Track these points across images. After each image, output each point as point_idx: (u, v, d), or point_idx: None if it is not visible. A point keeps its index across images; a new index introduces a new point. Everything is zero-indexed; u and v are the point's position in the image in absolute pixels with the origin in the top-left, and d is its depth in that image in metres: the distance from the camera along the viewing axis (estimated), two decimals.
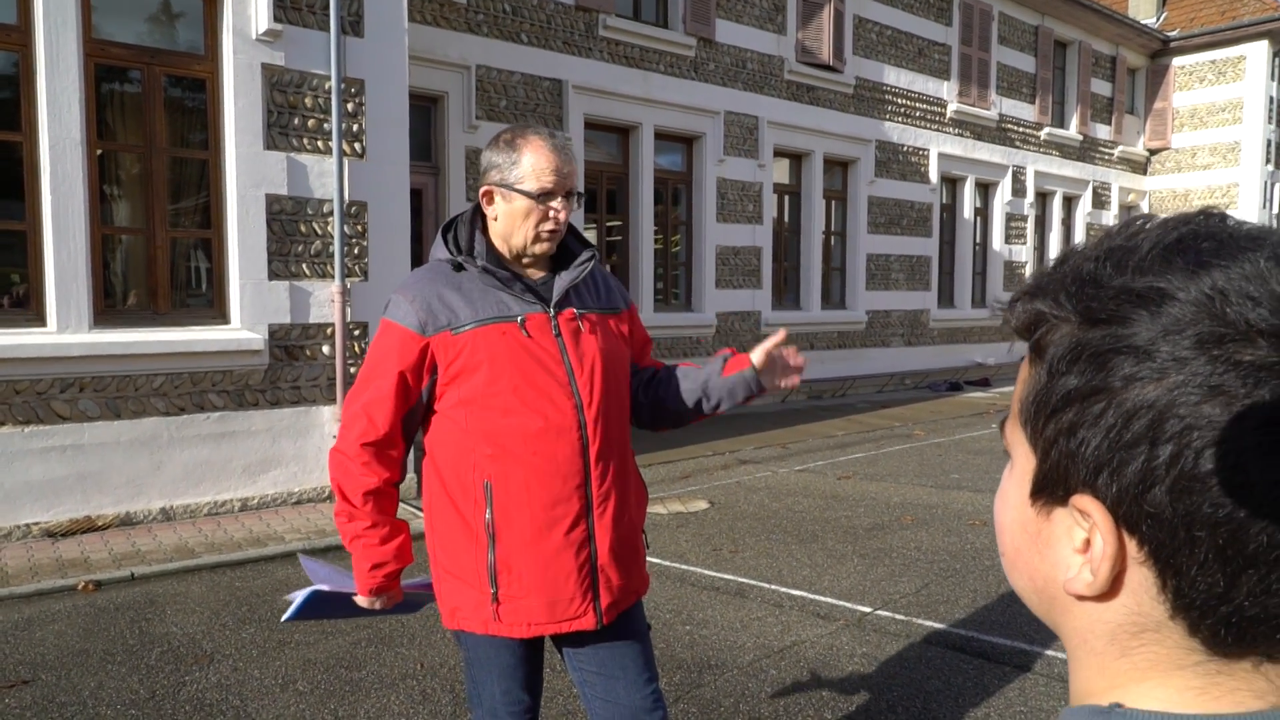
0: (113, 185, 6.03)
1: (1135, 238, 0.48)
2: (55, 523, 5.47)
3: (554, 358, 1.87)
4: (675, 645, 3.87)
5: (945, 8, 14.30)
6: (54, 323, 5.47)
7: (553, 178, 1.88)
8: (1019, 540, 0.52)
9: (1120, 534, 0.46)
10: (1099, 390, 0.45)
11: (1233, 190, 18.37)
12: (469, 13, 8.93)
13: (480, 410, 1.85)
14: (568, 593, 1.86)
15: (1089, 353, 0.46)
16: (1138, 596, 0.46)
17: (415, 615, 4.19)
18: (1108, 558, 0.46)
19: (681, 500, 6.55)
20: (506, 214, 1.91)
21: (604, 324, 1.98)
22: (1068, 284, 0.48)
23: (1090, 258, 0.48)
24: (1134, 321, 0.44)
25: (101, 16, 5.72)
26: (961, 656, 3.73)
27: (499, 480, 1.85)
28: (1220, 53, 18.42)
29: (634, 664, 1.95)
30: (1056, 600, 0.50)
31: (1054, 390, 0.47)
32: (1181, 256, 0.45)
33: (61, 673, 3.65)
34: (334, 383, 6.39)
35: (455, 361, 1.86)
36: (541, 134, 1.92)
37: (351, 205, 6.44)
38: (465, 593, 1.90)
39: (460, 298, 1.87)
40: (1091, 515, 0.46)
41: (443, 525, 1.93)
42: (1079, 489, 0.47)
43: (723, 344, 11.43)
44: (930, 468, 7.80)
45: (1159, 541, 0.44)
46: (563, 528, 1.86)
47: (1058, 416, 0.47)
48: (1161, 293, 0.44)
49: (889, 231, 13.77)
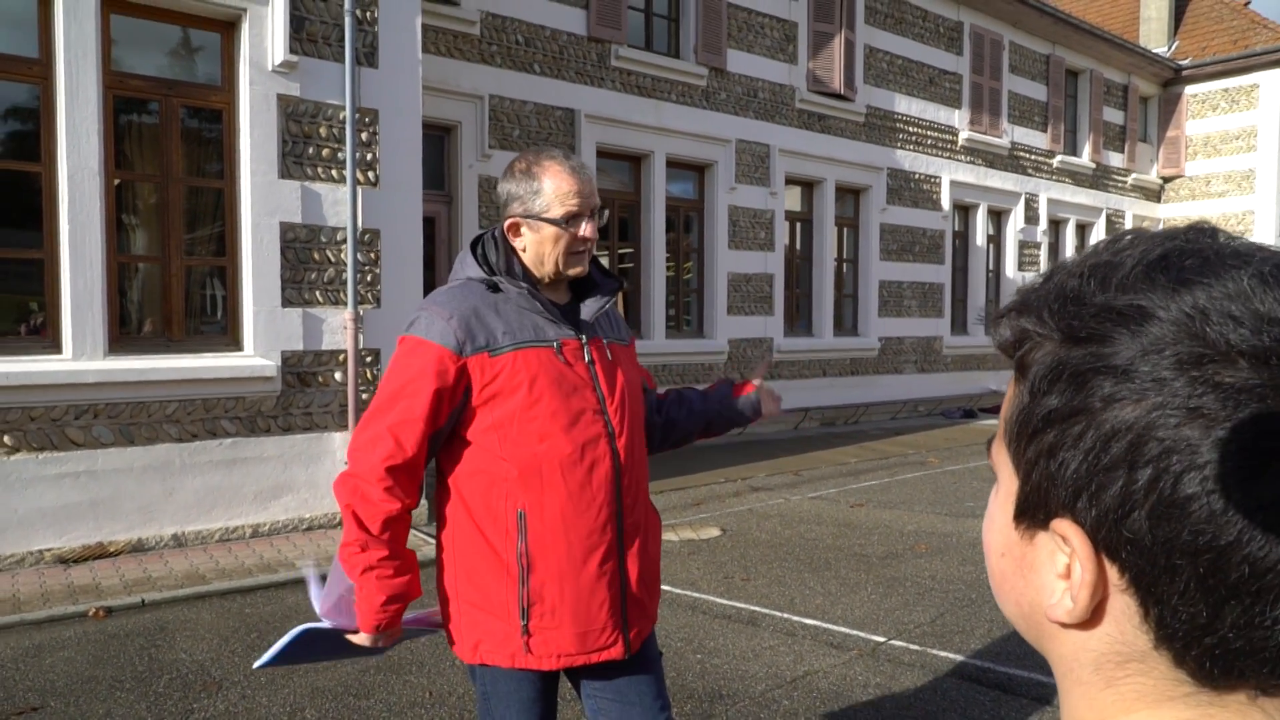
0: (130, 214, 6.10)
1: (1120, 254, 0.47)
2: (68, 549, 5.48)
3: (588, 384, 1.86)
4: (686, 674, 3.82)
5: (955, 37, 14.38)
6: (69, 350, 5.51)
7: (576, 200, 1.86)
8: (1004, 564, 0.51)
9: (1100, 560, 0.44)
10: (1079, 411, 0.44)
11: (1248, 217, 18.29)
12: (482, 44, 9.05)
13: (515, 435, 1.79)
14: (599, 623, 1.84)
15: (1069, 372, 0.45)
16: (1120, 625, 0.45)
17: (425, 642, 4.16)
18: (1086, 585, 0.44)
19: (693, 527, 6.50)
20: (535, 243, 1.88)
21: (625, 353, 2.00)
22: (1051, 301, 0.47)
23: (1075, 274, 0.47)
24: (1114, 340, 0.43)
25: (121, 49, 5.82)
26: (978, 688, 3.67)
27: (534, 509, 1.79)
28: (1233, 81, 18.42)
29: (649, 691, 1.94)
30: (1043, 627, 0.49)
31: (1035, 410, 0.46)
32: (1164, 274, 0.44)
33: (70, 700, 3.63)
34: (346, 409, 6.40)
35: (491, 384, 1.79)
36: (557, 158, 1.89)
37: (365, 233, 6.49)
38: (491, 625, 1.82)
39: (497, 318, 1.82)
40: (1070, 540, 0.45)
41: (468, 556, 1.84)
42: (1059, 512, 0.46)
43: (735, 371, 11.41)
44: (944, 495, 7.73)
45: (1139, 569, 0.43)
46: (598, 557, 1.83)
47: (1039, 437, 0.46)
48: (1142, 311, 0.43)
49: (901, 258, 13.76)
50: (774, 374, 11.90)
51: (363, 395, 6.44)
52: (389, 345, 6.59)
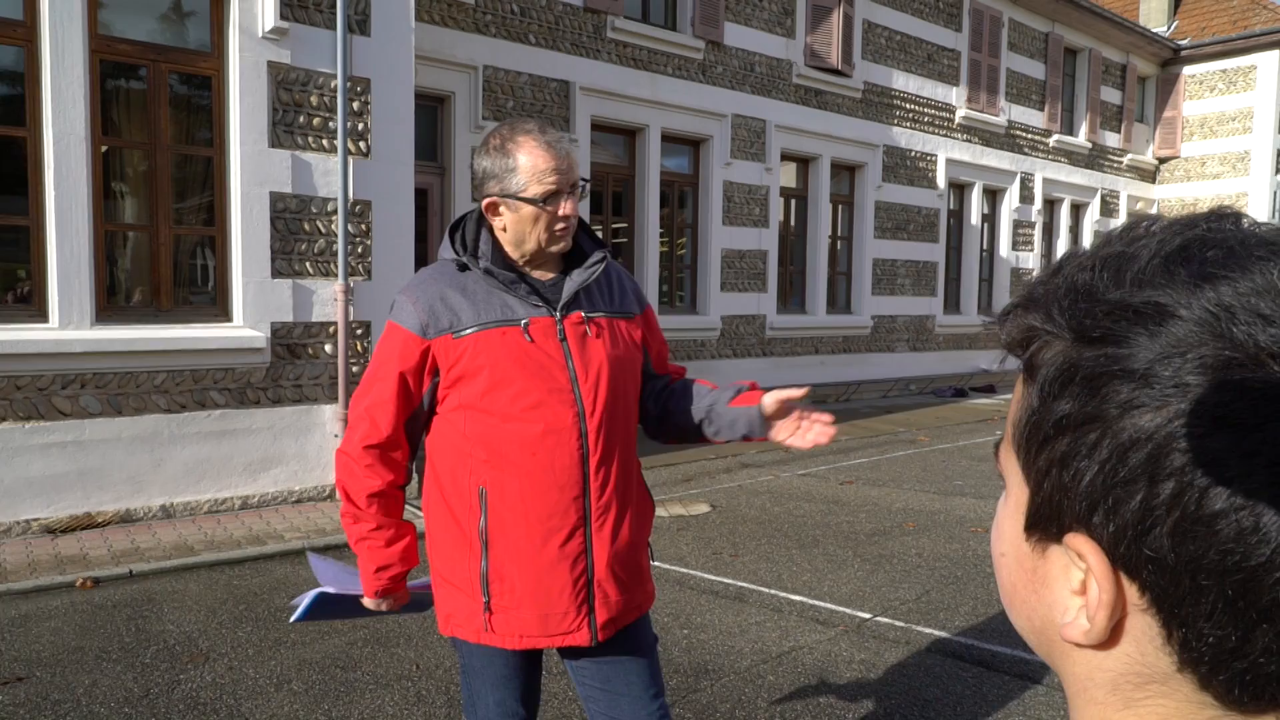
0: (117, 182, 6.03)
1: (1136, 243, 0.43)
2: (55, 519, 5.47)
3: (557, 363, 1.81)
4: (673, 649, 3.84)
5: (955, 13, 14.27)
6: (56, 319, 5.47)
7: (554, 178, 1.80)
8: (1015, 576, 0.48)
9: (1118, 579, 0.41)
10: (1093, 418, 0.41)
11: (1242, 199, 18.29)
12: (476, 13, 8.93)
13: (479, 415, 1.80)
14: (561, 607, 1.81)
15: (1082, 375, 0.41)
16: (1141, 646, 0.42)
17: (413, 616, 4.17)
18: (1104, 605, 0.41)
19: (683, 503, 6.52)
20: (515, 222, 1.84)
21: (614, 328, 1.90)
22: (1061, 296, 0.44)
23: (1086, 266, 0.44)
24: (1131, 341, 0.40)
25: (108, 13, 5.73)
26: (961, 664, 3.70)
27: (494, 487, 1.80)
28: (1231, 62, 18.34)
29: (639, 680, 1.90)
30: (1055, 643, 0.46)
31: (1046, 416, 0.43)
32: (1185, 267, 0.40)
33: (57, 670, 3.63)
34: (336, 381, 6.38)
35: (456, 365, 1.80)
36: (532, 132, 1.84)
37: (356, 204, 6.44)
38: (459, 599, 1.86)
39: (464, 299, 1.81)
40: (1086, 557, 0.42)
41: (439, 530, 1.89)
42: (1073, 526, 0.42)
43: (727, 347, 11.41)
44: (934, 474, 7.76)
45: (1161, 589, 0.40)
46: (558, 540, 1.80)
47: (1050, 445, 0.43)
48: (1161, 309, 0.40)
49: (896, 237, 13.73)
50: (767, 351, 11.90)
51: (353, 368, 6.41)
52: (380, 317, 6.56)
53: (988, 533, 5.74)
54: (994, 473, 7.77)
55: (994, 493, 7.01)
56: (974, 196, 15.09)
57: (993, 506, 6.50)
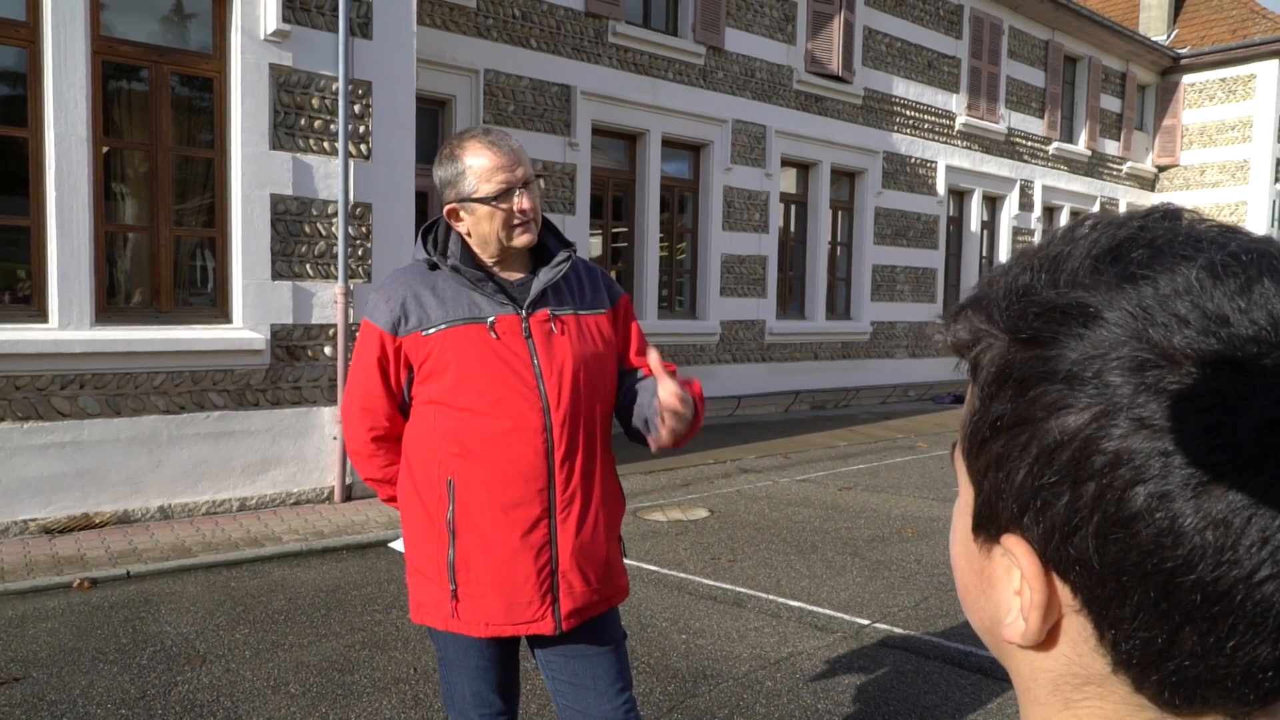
0: (118, 183, 6.03)
1: (1074, 243, 0.43)
2: (53, 519, 5.46)
3: (522, 360, 1.86)
4: (671, 654, 3.83)
5: (955, 21, 14.30)
6: (56, 319, 5.46)
7: (503, 175, 1.86)
8: (966, 577, 0.48)
9: (1051, 580, 0.41)
10: (1024, 419, 0.41)
11: (1241, 208, 18.32)
12: (478, 17, 8.94)
13: (447, 410, 1.87)
14: (525, 595, 1.86)
15: (1015, 377, 0.41)
16: (1077, 647, 0.42)
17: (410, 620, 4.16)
18: (1036, 606, 0.42)
19: (681, 508, 6.52)
20: (474, 224, 1.91)
21: (581, 324, 1.94)
22: (1001, 297, 0.43)
23: (1028, 266, 0.43)
24: (1059, 343, 0.40)
25: (110, 15, 5.73)
26: (959, 672, 3.69)
27: (462, 478, 1.87)
28: (1230, 71, 18.38)
29: (605, 674, 1.94)
30: (1003, 643, 0.46)
31: (985, 417, 0.43)
32: (1113, 267, 0.40)
33: (53, 670, 3.62)
34: (335, 384, 6.37)
35: (426, 362, 1.88)
36: (476, 135, 1.91)
37: (356, 206, 6.44)
38: (428, 587, 1.92)
39: (434, 298, 1.88)
40: (1018, 558, 0.42)
41: (411, 520, 1.96)
42: (1009, 527, 0.43)
43: (726, 352, 11.41)
44: (932, 480, 7.76)
45: (1090, 590, 0.40)
46: (521, 529, 1.85)
47: (988, 446, 0.43)
48: (1085, 310, 0.40)
49: (895, 243, 13.74)
50: (766, 356, 11.90)
51: None
52: None
53: None
54: None
55: None
56: (973, 203, 15.11)
57: None
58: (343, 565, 5.09)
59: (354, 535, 5.56)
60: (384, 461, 1.99)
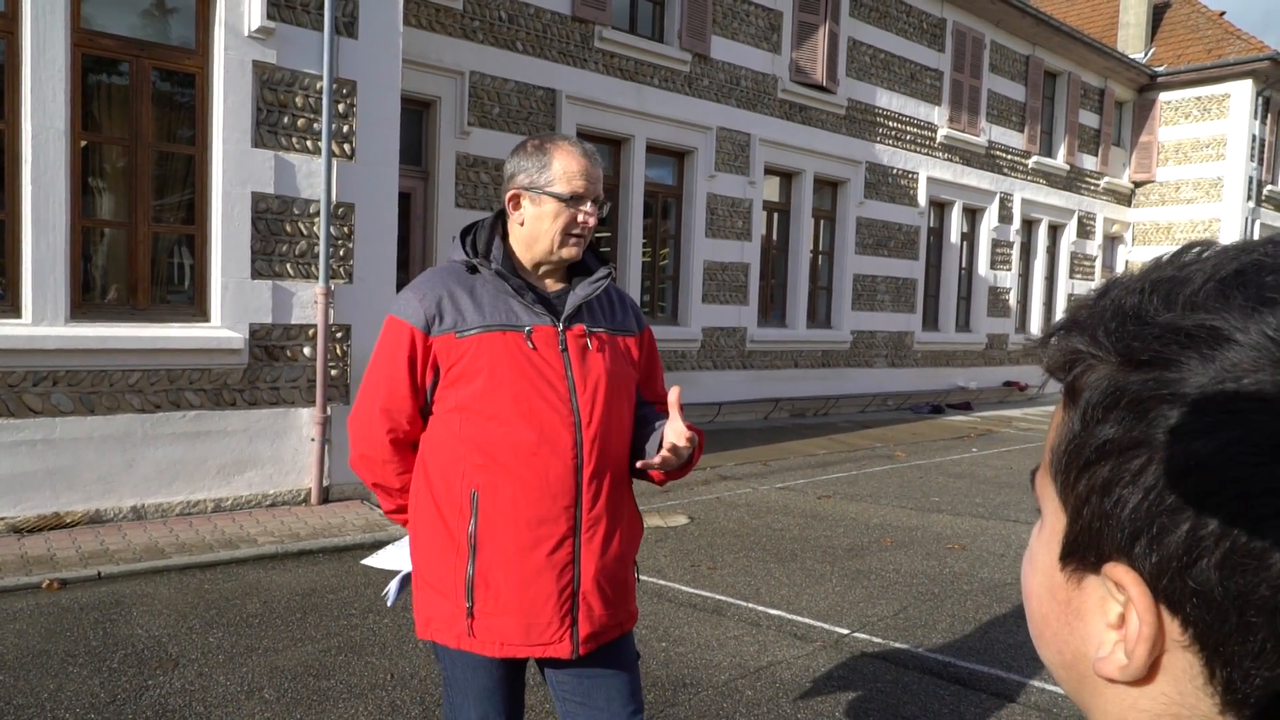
0: (96, 178, 5.95)
1: (1188, 268, 0.42)
2: (22, 518, 5.36)
3: (557, 373, 1.82)
4: (650, 662, 3.82)
5: (938, 34, 14.43)
6: (30, 314, 5.37)
7: (583, 181, 1.86)
8: (1047, 608, 0.46)
9: (1160, 612, 0.40)
10: (1139, 443, 0.39)
11: (1214, 225, 18.60)
12: (464, 19, 8.92)
13: (475, 418, 1.80)
14: (545, 616, 1.80)
15: (1129, 399, 0.40)
16: (1180, 685, 0.40)
17: (387, 623, 4.12)
18: (1144, 639, 0.40)
19: (661, 515, 6.50)
20: (534, 217, 1.87)
21: (613, 344, 1.92)
22: (1107, 319, 0.42)
23: (1134, 290, 0.43)
24: (1182, 365, 0.39)
25: (91, 7, 5.66)
26: (938, 682, 3.70)
27: (486, 491, 1.80)
28: (1206, 90, 18.68)
29: (619, 695, 1.89)
30: (1086, 679, 0.44)
31: (1088, 440, 0.42)
32: (1241, 291, 0.39)
33: (20, 673, 3.55)
34: (314, 384, 6.31)
35: (456, 365, 1.82)
36: (571, 140, 1.91)
37: (338, 206, 6.38)
38: (440, 604, 1.84)
39: (470, 300, 1.83)
40: (1127, 588, 0.40)
41: (425, 533, 1.88)
42: (1113, 556, 0.41)
43: (707, 359, 11.42)
44: (911, 489, 7.79)
45: (1206, 624, 0.38)
46: (546, 548, 1.79)
47: (1091, 470, 0.42)
48: (1216, 332, 0.38)
49: (876, 253, 13.83)
50: (747, 364, 11.93)
51: (331, 371, 6.35)
52: (360, 320, 6.50)
53: (965, 550, 5.78)
54: (971, 490, 7.82)
55: (971, 510, 7.06)
56: (954, 215, 15.24)
57: (970, 524, 6.54)
58: (319, 568, 5.03)
59: (331, 538, 5.50)
60: (399, 468, 1.91)
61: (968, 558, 5.65)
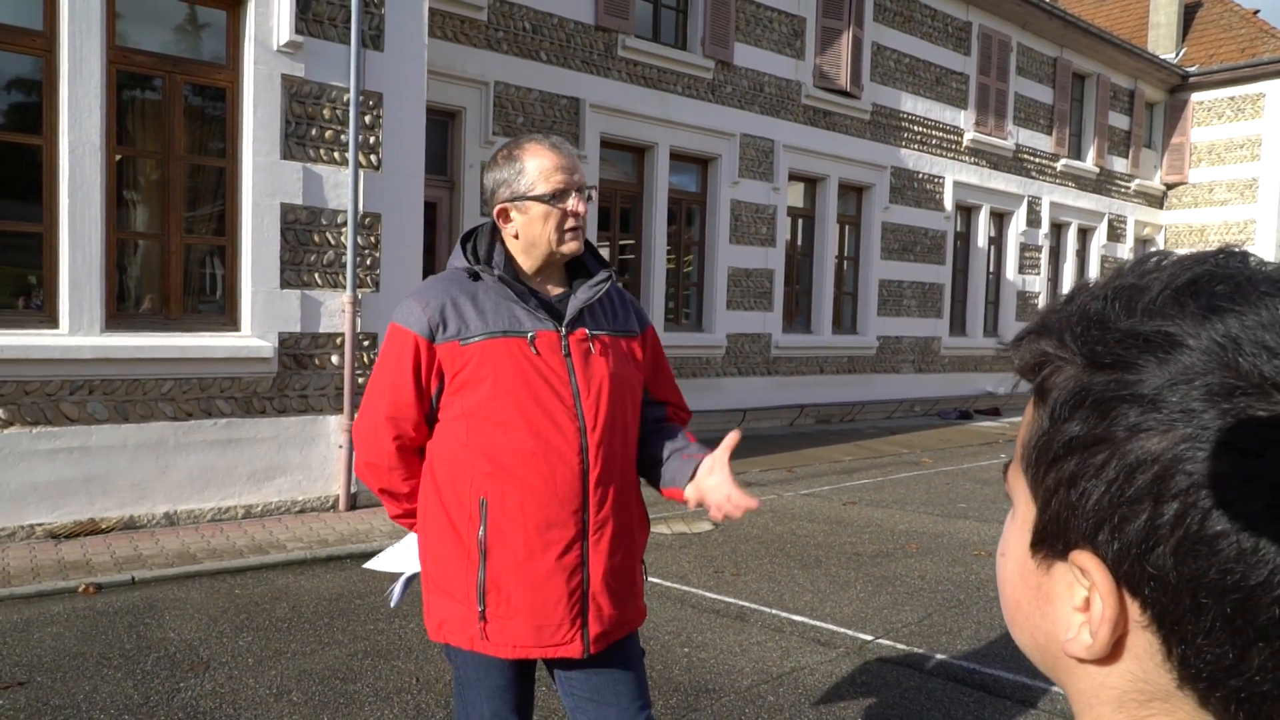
0: (130, 190, 6.08)
1: (1147, 276, 0.45)
2: (59, 524, 5.48)
3: (561, 378, 1.83)
4: (673, 668, 3.83)
5: (964, 37, 14.34)
6: (66, 325, 5.50)
7: (561, 175, 1.86)
8: (1019, 594, 0.50)
9: (1122, 595, 0.43)
10: (1102, 440, 0.43)
11: (1250, 226, 18.28)
12: (489, 30, 9.01)
13: (481, 424, 1.82)
14: (555, 618, 1.83)
15: (1092, 399, 0.43)
16: (1143, 663, 0.43)
17: (413, 628, 4.17)
18: (1107, 620, 0.43)
19: (685, 520, 6.51)
20: (526, 224, 1.87)
21: (616, 347, 1.93)
22: (1073, 323, 0.46)
23: (1098, 296, 0.46)
24: (1141, 368, 0.42)
25: (126, 24, 5.79)
26: (963, 689, 3.68)
27: (495, 498, 1.82)
28: (1240, 89, 18.38)
29: (627, 691, 1.92)
30: (1059, 660, 0.48)
31: (1056, 437, 0.45)
32: (1194, 299, 0.43)
33: (57, 675, 3.64)
34: (342, 392, 6.40)
35: (461, 372, 1.83)
36: (536, 138, 1.90)
37: (365, 216, 6.48)
38: (452, 607, 1.87)
39: (473, 307, 1.84)
40: (1091, 574, 0.43)
41: (435, 538, 1.90)
42: (1079, 544, 0.44)
43: (732, 365, 11.41)
44: (937, 496, 7.74)
45: (1162, 606, 0.41)
46: (555, 551, 1.82)
47: (1059, 465, 0.45)
48: (1170, 338, 0.42)
49: (902, 258, 13.75)
50: (772, 370, 11.90)
51: (359, 379, 6.43)
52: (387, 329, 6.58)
53: (991, 556, 5.73)
54: (999, 496, 7.75)
55: (998, 516, 6.99)
56: (981, 219, 15.11)
57: (997, 530, 6.48)
58: (346, 574, 5.10)
59: (358, 544, 5.57)
60: (406, 474, 1.93)
61: (993, 564, 5.58)
